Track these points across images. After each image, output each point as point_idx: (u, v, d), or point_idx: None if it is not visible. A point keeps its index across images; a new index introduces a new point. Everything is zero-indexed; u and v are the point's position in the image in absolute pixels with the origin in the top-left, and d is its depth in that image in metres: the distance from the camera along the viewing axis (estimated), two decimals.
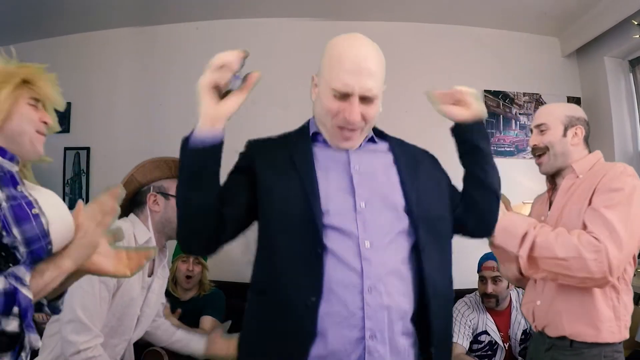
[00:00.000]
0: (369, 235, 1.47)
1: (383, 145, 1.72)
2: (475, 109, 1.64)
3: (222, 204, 1.49)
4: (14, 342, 1.21)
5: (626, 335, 2.02)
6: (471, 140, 1.65)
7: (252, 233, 1.61)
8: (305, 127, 1.72)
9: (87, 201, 4.35)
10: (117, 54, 4.54)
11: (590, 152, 2.24)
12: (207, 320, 3.18)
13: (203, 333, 3.06)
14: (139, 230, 2.24)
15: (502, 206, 2.03)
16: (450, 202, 1.68)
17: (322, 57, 1.63)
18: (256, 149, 1.69)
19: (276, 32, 4.48)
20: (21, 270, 1.24)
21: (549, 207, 2.28)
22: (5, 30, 4.37)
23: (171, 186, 2.31)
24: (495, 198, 1.70)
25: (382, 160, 1.65)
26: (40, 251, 1.30)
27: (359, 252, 1.45)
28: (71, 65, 4.31)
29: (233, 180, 1.61)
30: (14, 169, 1.39)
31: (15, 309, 1.20)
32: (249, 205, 1.56)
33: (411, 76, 4.47)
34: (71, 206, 1.43)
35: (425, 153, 1.81)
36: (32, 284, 1.25)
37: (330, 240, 1.46)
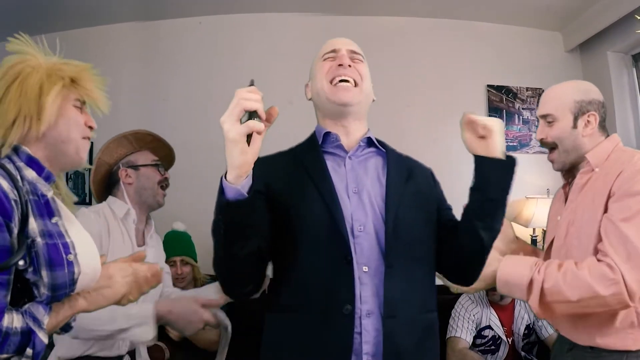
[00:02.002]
0: (366, 261, 1.46)
1: (380, 155, 1.68)
2: (494, 148, 1.49)
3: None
4: None
5: None
6: (481, 176, 1.52)
7: None
8: (312, 136, 1.71)
9: (90, 197, 4.35)
10: (120, 49, 4.53)
11: (607, 137, 1.98)
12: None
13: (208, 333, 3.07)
14: (116, 206, 2.27)
15: (497, 255, 1.91)
16: (436, 225, 1.62)
17: (310, 68, 1.77)
18: (266, 168, 1.52)
19: (281, 26, 4.47)
20: (40, 312, 1.19)
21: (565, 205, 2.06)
22: (7, 25, 4.36)
23: (137, 158, 2.38)
24: (481, 252, 1.57)
25: (376, 172, 1.62)
26: (61, 297, 1.25)
27: (358, 277, 1.44)
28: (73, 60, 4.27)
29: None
30: (49, 193, 1.30)
31: (29, 351, 1.15)
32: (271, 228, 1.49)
33: (414, 71, 4.47)
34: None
35: (421, 168, 1.74)
36: (47, 324, 1.20)
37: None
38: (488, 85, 4.51)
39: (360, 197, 1.53)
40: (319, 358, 1.41)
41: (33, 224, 1.20)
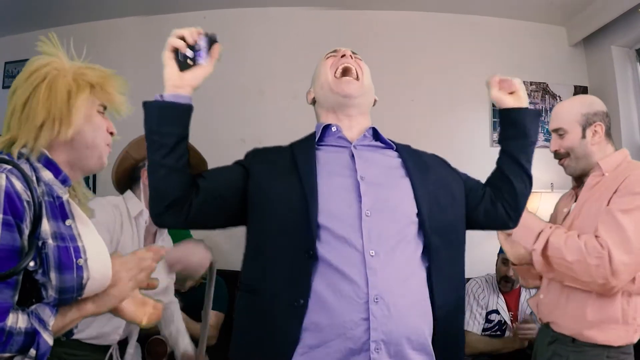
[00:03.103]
0: (374, 245, 1.44)
1: (390, 150, 1.70)
2: (524, 100, 1.72)
3: (202, 177, 1.56)
4: None
5: (635, 339, 1.98)
6: (523, 125, 1.70)
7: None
8: (311, 134, 1.73)
9: (94, 191, 4.35)
10: (124, 44, 4.54)
11: (613, 144, 2.17)
12: (211, 314, 3.16)
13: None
14: (131, 204, 2.27)
15: None
16: (468, 200, 1.69)
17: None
18: (257, 153, 1.71)
19: (285, 21, 4.48)
20: (46, 313, 1.19)
21: (575, 202, 2.22)
22: (11, 20, 4.38)
23: None
24: (529, 187, 1.75)
25: (388, 164, 1.64)
26: (68, 301, 1.25)
27: (363, 261, 1.42)
28: (77, 55, 4.22)
29: (224, 167, 1.67)
30: (65, 196, 1.30)
31: (33, 352, 1.15)
32: (230, 187, 1.58)
33: (418, 65, 4.47)
34: None
35: (433, 156, 1.78)
36: (52, 325, 1.20)
37: (327, 247, 1.44)
38: None
39: (367, 184, 1.53)
40: (265, 345, 1.44)
41: (46, 226, 1.20)
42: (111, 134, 1.45)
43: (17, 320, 1.13)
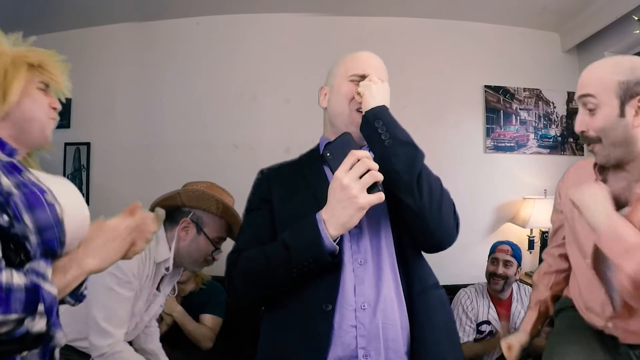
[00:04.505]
0: (362, 254, 1.48)
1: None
2: (365, 103, 1.56)
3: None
4: (40, 341, 1.16)
5: None
6: (366, 138, 1.55)
7: None
8: (315, 149, 1.76)
9: (87, 197, 4.36)
10: (118, 50, 4.52)
11: None
12: (207, 318, 3.20)
13: (203, 328, 3.09)
14: (160, 247, 2.25)
15: (608, 208, 1.48)
16: None
17: (330, 70, 1.78)
18: (269, 179, 1.71)
19: (276, 27, 4.46)
20: (41, 265, 1.19)
21: None
22: (5, 26, 4.35)
23: (208, 222, 2.32)
24: (412, 201, 1.42)
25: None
26: (53, 241, 1.23)
27: (352, 270, 1.45)
28: (71, 61, 4.20)
29: (263, 226, 1.62)
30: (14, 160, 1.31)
31: (41, 307, 1.14)
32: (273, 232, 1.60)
33: (411, 72, 4.47)
34: None
35: None
36: (55, 281, 1.19)
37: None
38: (485, 86, 4.51)
39: None
40: (300, 353, 1.43)
41: (5, 181, 1.21)
42: (54, 109, 1.45)
43: (12, 277, 1.11)
